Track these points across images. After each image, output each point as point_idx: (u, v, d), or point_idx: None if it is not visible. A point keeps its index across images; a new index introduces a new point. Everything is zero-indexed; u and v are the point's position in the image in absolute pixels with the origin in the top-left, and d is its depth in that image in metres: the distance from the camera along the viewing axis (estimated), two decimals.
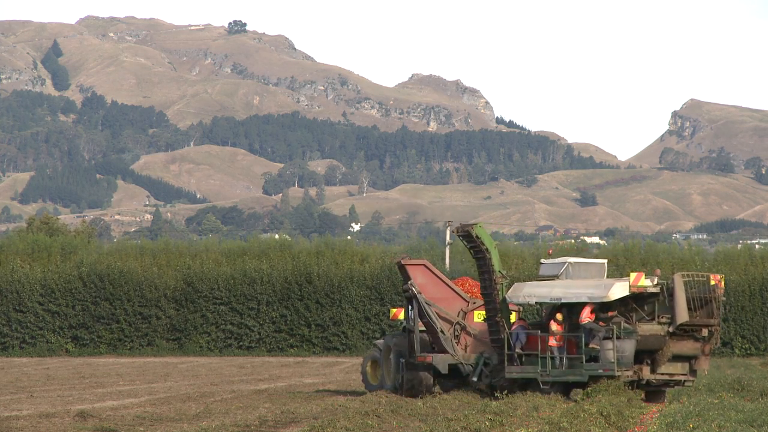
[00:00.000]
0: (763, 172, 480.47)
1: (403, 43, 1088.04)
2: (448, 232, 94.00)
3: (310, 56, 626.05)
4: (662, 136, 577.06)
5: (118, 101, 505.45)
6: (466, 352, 43.85)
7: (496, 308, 42.46)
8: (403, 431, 31.38)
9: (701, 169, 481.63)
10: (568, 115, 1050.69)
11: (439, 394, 42.73)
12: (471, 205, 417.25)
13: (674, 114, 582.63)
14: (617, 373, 41.24)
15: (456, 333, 44.13)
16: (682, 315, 42.08)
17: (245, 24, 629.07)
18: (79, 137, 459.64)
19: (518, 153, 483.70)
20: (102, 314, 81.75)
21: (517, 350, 42.13)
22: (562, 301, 42.20)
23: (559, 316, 42.06)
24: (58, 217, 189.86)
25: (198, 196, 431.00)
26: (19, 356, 79.80)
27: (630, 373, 41.54)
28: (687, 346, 42.58)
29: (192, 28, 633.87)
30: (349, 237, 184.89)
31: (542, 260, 45.77)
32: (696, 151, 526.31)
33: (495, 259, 42.71)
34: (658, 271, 43.84)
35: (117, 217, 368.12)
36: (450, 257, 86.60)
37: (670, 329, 42.12)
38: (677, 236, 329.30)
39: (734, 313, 77.29)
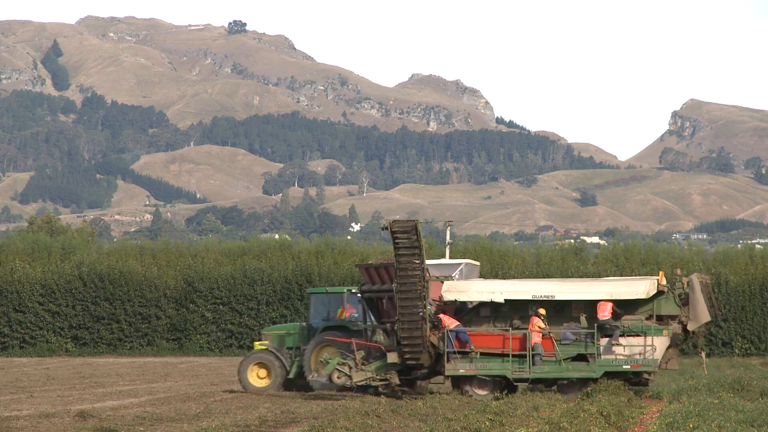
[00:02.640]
0: (763, 172, 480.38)
1: (403, 43, 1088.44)
2: (448, 232, 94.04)
3: (310, 56, 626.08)
4: (662, 136, 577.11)
5: (118, 101, 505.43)
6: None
7: (423, 306, 41.46)
8: (403, 431, 31.39)
9: (701, 169, 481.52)
10: (568, 115, 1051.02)
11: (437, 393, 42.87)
12: (471, 205, 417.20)
13: (674, 114, 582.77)
14: (656, 370, 42.02)
15: None
16: (705, 315, 42.57)
17: (245, 24, 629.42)
18: (79, 137, 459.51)
19: (518, 153, 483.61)
20: (102, 314, 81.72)
21: (471, 348, 41.71)
22: (557, 298, 42.16)
23: (542, 311, 42.03)
24: (60, 217, 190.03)
25: (198, 196, 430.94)
26: (19, 356, 79.75)
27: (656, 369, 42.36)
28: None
29: (192, 28, 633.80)
30: (349, 237, 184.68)
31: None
32: (696, 151, 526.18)
33: (424, 257, 42.32)
34: (679, 271, 44.00)
35: (117, 217, 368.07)
36: (450, 257, 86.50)
37: (689, 328, 42.58)
38: (677, 236, 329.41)
39: (734, 313, 77.30)
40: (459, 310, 43.15)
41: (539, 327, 41.75)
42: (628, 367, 41.60)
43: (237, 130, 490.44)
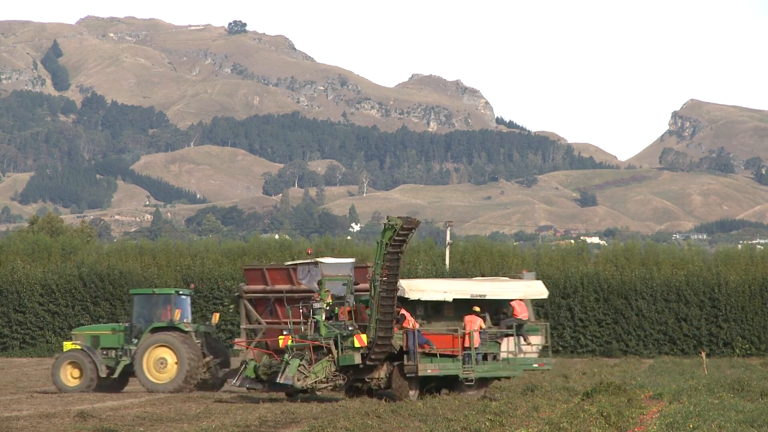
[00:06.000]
0: (763, 172, 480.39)
1: (403, 43, 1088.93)
2: (448, 232, 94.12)
3: (310, 56, 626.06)
4: (662, 136, 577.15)
5: (118, 101, 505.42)
6: None
7: (394, 306, 40.72)
8: (403, 431, 31.39)
9: (701, 169, 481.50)
10: (568, 115, 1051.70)
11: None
12: (471, 205, 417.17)
13: (674, 114, 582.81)
14: (550, 368, 43.81)
15: None
16: (531, 317, 43.91)
17: (245, 24, 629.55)
18: (79, 137, 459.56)
19: (518, 153, 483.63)
20: (102, 314, 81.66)
21: (432, 349, 41.28)
22: (487, 297, 42.52)
23: (477, 309, 42.13)
24: (62, 217, 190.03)
25: (198, 196, 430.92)
26: (19, 356, 79.73)
27: None
28: None
29: (192, 28, 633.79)
30: (349, 237, 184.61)
31: (319, 259, 45.56)
32: (696, 151, 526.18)
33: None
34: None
35: (117, 217, 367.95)
36: (450, 257, 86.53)
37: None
38: (677, 236, 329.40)
39: (734, 313, 77.29)
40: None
41: (481, 326, 41.84)
42: (537, 366, 42.62)
43: (237, 131, 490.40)
